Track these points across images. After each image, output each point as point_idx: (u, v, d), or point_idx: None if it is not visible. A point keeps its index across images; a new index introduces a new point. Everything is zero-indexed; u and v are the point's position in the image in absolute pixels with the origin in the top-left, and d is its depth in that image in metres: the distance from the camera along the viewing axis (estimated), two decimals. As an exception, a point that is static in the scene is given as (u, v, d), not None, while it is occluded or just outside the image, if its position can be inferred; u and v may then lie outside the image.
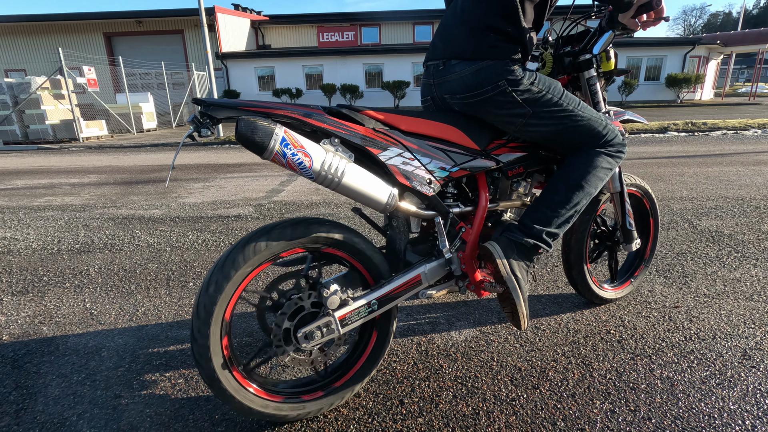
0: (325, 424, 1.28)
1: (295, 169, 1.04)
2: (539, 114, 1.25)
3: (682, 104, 17.28)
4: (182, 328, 1.83)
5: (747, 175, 4.49)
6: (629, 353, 1.57)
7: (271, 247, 1.10)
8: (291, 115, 1.05)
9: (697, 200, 3.57)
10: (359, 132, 1.13)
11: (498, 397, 1.37)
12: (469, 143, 1.28)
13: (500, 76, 1.20)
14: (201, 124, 1.00)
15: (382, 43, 22.39)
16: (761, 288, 2.03)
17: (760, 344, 1.60)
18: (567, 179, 1.33)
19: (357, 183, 1.10)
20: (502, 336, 1.71)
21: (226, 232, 3.10)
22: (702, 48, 19.02)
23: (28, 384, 1.49)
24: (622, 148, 1.38)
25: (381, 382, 1.46)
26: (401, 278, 1.28)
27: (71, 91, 10.72)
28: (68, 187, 4.96)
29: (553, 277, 2.22)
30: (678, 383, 1.40)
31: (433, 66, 1.30)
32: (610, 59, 1.44)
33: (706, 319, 1.78)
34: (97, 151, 8.74)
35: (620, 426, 1.23)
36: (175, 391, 1.44)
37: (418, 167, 1.21)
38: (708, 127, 8.65)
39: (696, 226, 2.94)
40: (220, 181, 5.05)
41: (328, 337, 1.19)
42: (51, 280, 2.36)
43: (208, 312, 1.07)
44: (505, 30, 1.19)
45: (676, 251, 2.51)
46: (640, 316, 1.82)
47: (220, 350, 1.11)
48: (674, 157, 5.78)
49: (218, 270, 1.07)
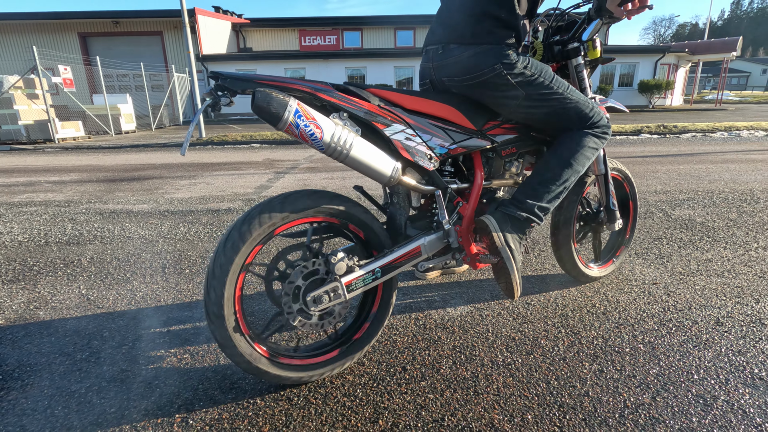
0: (332, 389, 1.34)
1: (307, 140, 1.10)
2: (532, 96, 1.35)
3: (653, 109, 17.96)
4: (183, 310, 1.85)
5: (715, 171, 4.74)
6: (614, 323, 1.68)
7: (286, 213, 1.15)
8: (303, 89, 1.12)
9: (670, 193, 3.77)
10: (366, 107, 1.20)
11: (495, 362, 1.45)
12: (467, 123, 1.37)
13: (497, 60, 1.29)
14: (221, 95, 1.06)
15: (364, 48, 22.53)
16: (731, 267, 2.18)
17: (731, 313, 1.73)
18: (557, 157, 1.43)
19: (364, 156, 1.17)
20: (495, 311, 1.79)
21: (217, 225, 3.11)
22: (671, 56, 19.83)
23: (31, 362, 1.50)
24: (608, 130, 1.49)
25: (383, 352, 1.52)
26: (403, 249, 1.35)
27: (46, 90, 10.45)
28: (49, 185, 4.86)
29: (540, 260, 2.33)
30: (659, 346, 1.51)
31: (432, 50, 1.39)
32: (596, 48, 1.55)
33: (682, 293, 1.91)
34: (75, 152, 8.54)
35: (608, 383, 1.33)
36: (182, 365, 1.47)
37: (420, 143, 1.28)
38: (679, 129, 9.05)
39: (670, 215, 3.11)
40: (206, 179, 5.03)
41: (335, 301, 1.25)
42: (42, 270, 2.34)
43: (224, 270, 1.12)
44: (501, 16, 1.28)
45: (653, 237, 2.66)
46: (622, 291, 1.94)
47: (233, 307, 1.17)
48: (648, 156, 6.04)
49: (236, 229, 1.12)
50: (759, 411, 1.20)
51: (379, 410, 1.25)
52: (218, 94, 1.08)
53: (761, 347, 1.49)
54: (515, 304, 1.85)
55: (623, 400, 1.26)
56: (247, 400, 1.30)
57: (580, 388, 1.31)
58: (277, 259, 1.25)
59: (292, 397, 1.31)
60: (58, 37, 19.05)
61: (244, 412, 1.25)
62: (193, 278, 2.19)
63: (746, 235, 2.65)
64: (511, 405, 1.25)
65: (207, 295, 1.14)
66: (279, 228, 1.20)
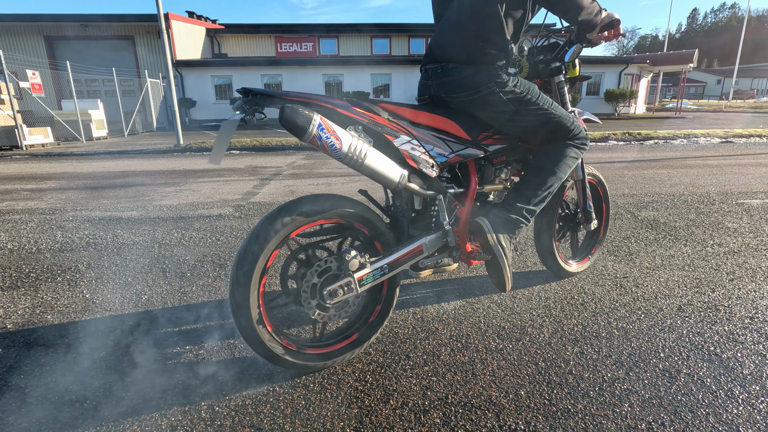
0: (344, 376, 1.47)
1: (328, 151, 1.24)
2: (520, 111, 1.53)
3: (619, 117, 18.85)
4: (191, 311, 1.94)
5: (676, 176, 5.12)
6: (591, 312, 1.87)
7: (313, 213, 1.30)
8: (325, 105, 1.26)
9: (636, 196, 4.07)
10: (377, 120, 1.35)
11: (488, 348, 1.62)
12: (463, 134, 1.53)
13: (490, 79, 1.46)
14: (252, 110, 1.18)
15: (341, 55, 22.71)
16: (690, 261, 2.43)
17: (691, 301, 1.95)
18: (542, 165, 1.62)
19: (376, 164, 1.32)
20: (485, 304, 1.96)
21: (211, 230, 3.18)
22: (634, 66, 20.89)
23: (49, 362, 1.56)
24: (586, 141, 1.69)
25: (387, 343, 1.66)
26: (407, 247, 1.50)
27: (12, 96, 10.11)
28: (27, 192, 4.77)
29: (523, 259, 2.52)
30: (630, 331, 1.71)
31: (431, 69, 1.55)
32: (576, 67, 1.76)
33: (649, 285, 2.13)
34: (46, 159, 8.31)
35: (588, 362, 1.51)
36: (198, 360, 1.56)
37: (423, 153, 1.44)
38: (642, 136, 9.59)
39: (637, 216, 3.39)
40: (191, 185, 5.05)
41: (348, 295, 1.38)
42: (40, 276, 2.37)
43: (247, 276, 1.24)
44: (493, 40, 1.45)
45: (622, 236, 2.90)
46: (597, 285, 2.14)
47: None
48: (615, 162, 6.42)
49: (267, 222, 1.24)
50: (714, 381, 1.40)
51: (389, 392, 1.39)
52: (247, 108, 1.20)
53: (716, 329, 1.71)
54: (503, 297, 2.02)
55: (601, 376, 1.44)
56: (266, 388, 1.41)
57: (565, 368, 1.49)
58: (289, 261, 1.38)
59: (308, 384, 1.43)
60: (22, 40, 18.39)
61: (265, 399, 1.36)
62: (194, 281, 2.26)
63: (703, 233, 2.93)
64: (505, 383, 1.41)
65: (233, 300, 1.26)
66: (294, 231, 1.33)
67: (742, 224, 3.11)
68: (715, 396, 1.33)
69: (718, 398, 1.32)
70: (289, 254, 1.38)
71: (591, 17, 1.49)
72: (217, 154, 1.21)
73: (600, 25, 1.52)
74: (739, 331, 1.69)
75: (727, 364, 1.49)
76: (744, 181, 4.70)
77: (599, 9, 1.51)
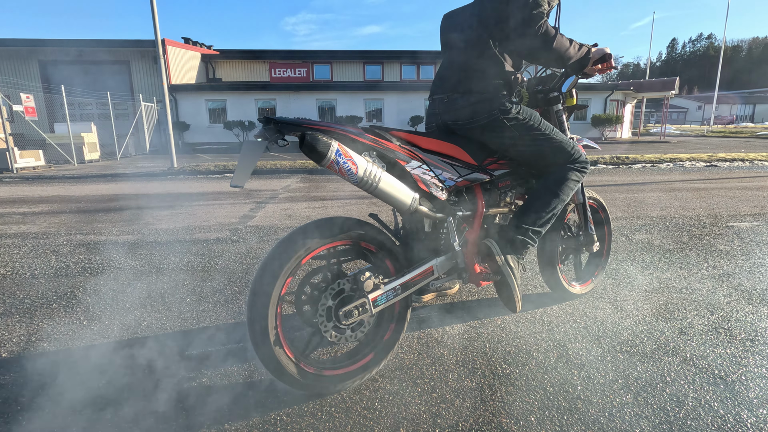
0: (352, 404, 1.45)
1: (344, 175, 1.27)
2: (524, 137, 1.58)
3: (606, 141, 19.32)
4: (192, 336, 1.90)
5: (665, 199, 5.23)
6: (594, 335, 1.88)
7: (330, 235, 1.32)
8: (342, 132, 1.30)
9: (629, 219, 4.14)
10: (390, 147, 1.39)
11: (495, 373, 1.61)
12: (469, 159, 1.58)
13: (494, 107, 1.52)
14: (275, 137, 1.22)
15: (334, 80, 23.13)
16: (687, 284, 2.47)
17: (692, 324, 1.98)
18: (546, 189, 1.66)
19: (389, 187, 1.35)
20: (489, 329, 1.96)
21: (209, 255, 3.15)
22: (619, 93, 21.57)
23: (46, 392, 1.52)
24: (586, 165, 1.74)
25: (393, 369, 1.65)
26: (418, 269, 1.52)
27: (5, 119, 10.09)
28: (19, 216, 4.71)
29: (524, 282, 2.54)
30: (634, 354, 1.72)
31: (438, 99, 1.61)
32: (573, 97, 1.84)
33: (649, 308, 2.15)
34: (38, 182, 8.24)
35: (596, 386, 1.51)
36: (204, 386, 1.53)
37: (433, 177, 1.48)
38: (630, 160, 9.83)
39: (632, 239, 3.44)
40: (186, 209, 5.03)
41: (362, 315, 1.38)
42: (35, 303, 2.32)
43: (264, 305, 1.25)
44: (494, 72, 1.52)
45: (619, 259, 2.94)
46: (597, 308, 2.16)
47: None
48: (605, 185, 6.55)
49: (284, 243, 1.27)
50: (722, 405, 1.41)
51: (399, 420, 1.37)
52: (269, 135, 1.23)
53: (719, 352, 1.73)
54: (506, 321, 2.03)
55: (610, 401, 1.44)
56: (272, 416, 1.38)
57: (573, 393, 1.48)
58: (303, 284, 1.39)
59: (315, 412, 1.41)
60: (17, 64, 18.47)
61: (272, 428, 1.33)
62: (195, 306, 2.24)
63: (697, 256, 2.98)
64: (515, 410, 1.40)
65: (252, 328, 1.27)
66: (305, 257, 1.34)
67: (734, 246, 3.18)
68: (723, 420, 1.34)
69: (727, 422, 1.33)
70: (302, 279, 1.40)
71: (580, 57, 1.59)
72: (240, 176, 1.23)
73: (592, 60, 1.61)
74: (741, 354, 1.71)
75: (733, 387, 1.50)
76: (731, 204, 4.82)
77: (588, 48, 1.62)
